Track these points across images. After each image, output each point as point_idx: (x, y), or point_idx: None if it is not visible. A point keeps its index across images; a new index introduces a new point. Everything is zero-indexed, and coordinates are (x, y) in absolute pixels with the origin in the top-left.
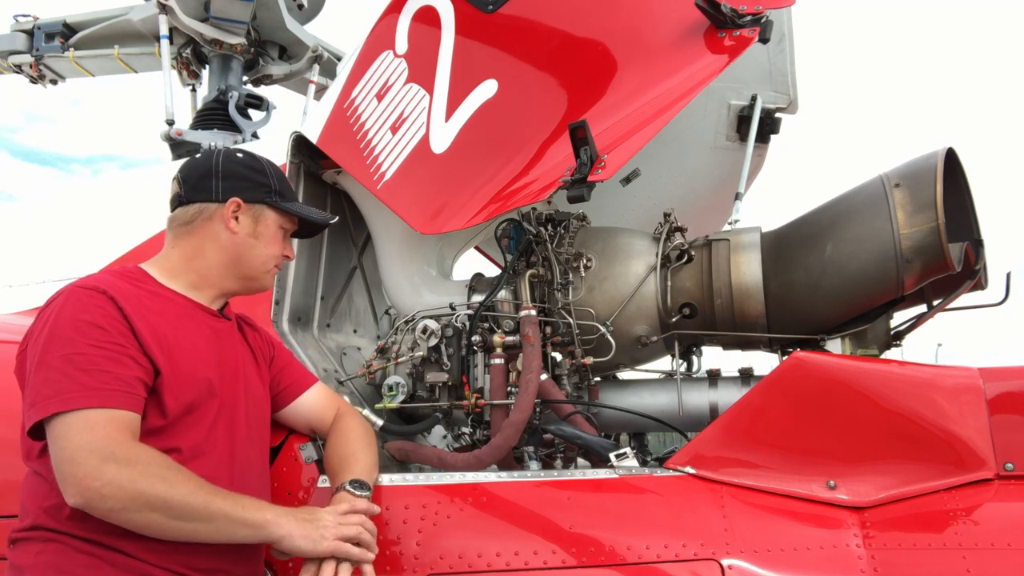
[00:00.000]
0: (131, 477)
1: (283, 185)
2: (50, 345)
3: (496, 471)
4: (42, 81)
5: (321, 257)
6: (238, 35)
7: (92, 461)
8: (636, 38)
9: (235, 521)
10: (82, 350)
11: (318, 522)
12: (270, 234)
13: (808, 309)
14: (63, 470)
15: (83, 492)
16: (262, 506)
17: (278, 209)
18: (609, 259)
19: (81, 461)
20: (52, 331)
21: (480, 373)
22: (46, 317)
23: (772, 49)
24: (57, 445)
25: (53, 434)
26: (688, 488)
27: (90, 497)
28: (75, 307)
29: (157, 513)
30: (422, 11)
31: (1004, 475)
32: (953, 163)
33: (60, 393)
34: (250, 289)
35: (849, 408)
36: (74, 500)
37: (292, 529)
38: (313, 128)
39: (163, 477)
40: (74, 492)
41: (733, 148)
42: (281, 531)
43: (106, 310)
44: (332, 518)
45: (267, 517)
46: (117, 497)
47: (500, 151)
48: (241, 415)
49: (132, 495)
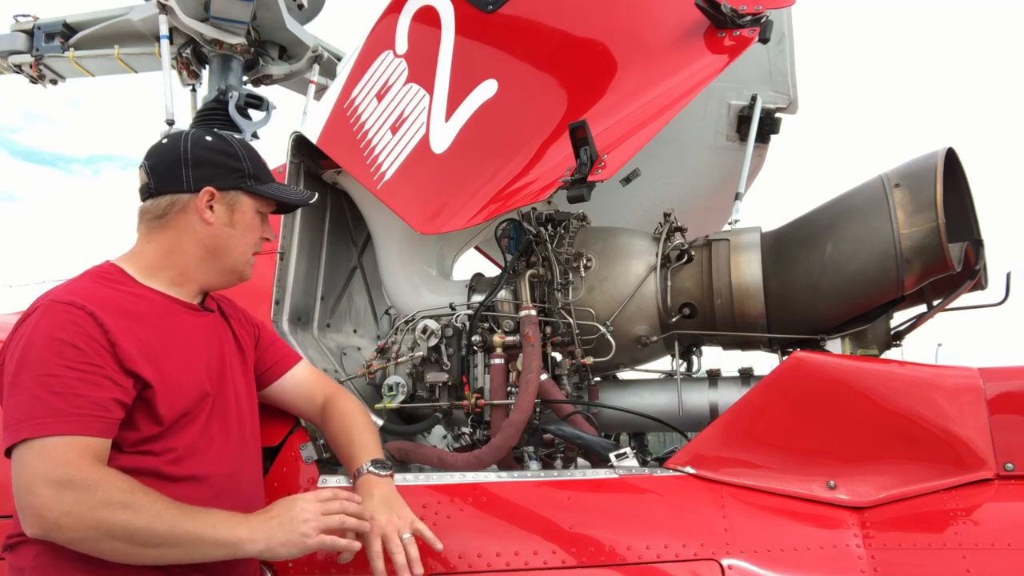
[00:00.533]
0: (90, 506)
1: (257, 166)
2: (23, 365)
3: (496, 471)
4: (42, 81)
5: (321, 257)
6: (238, 35)
7: (47, 491)
8: (636, 38)
9: (206, 543)
10: (55, 372)
11: (295, 520)
12: (247, 221)
13: (808, 309)
14: (20, 499)
15: (40, 524)
16: (236, 522)
17: (253, 193)
18: (609, 259)
19: (36, 491)
20: (26, 350)
21: (480, 373)
22: (22, 333)
23: (772, 49)
24: (16, 472)
25: (14, 461)
26: (688, 488)
27: (47, 528)
28: (51, 324)
29: (119, 542)
30: (422, 11)
31: (1004, 475)
32: (953, 163)
33: (29, 418)
34: (231, 282)
35: (849, 408)
36: (32, 531)
37: (269, 540)
38: (313, 128)
39: (125, 503)
40: (31, 523)
41: (733, 148)
42: (257, 547)
43: (83, 327)
44: (312, 508)
45: (240, 535)
46: (76, 528)
47: (500, 151)
48: (232, 409)
49: (91, 524)
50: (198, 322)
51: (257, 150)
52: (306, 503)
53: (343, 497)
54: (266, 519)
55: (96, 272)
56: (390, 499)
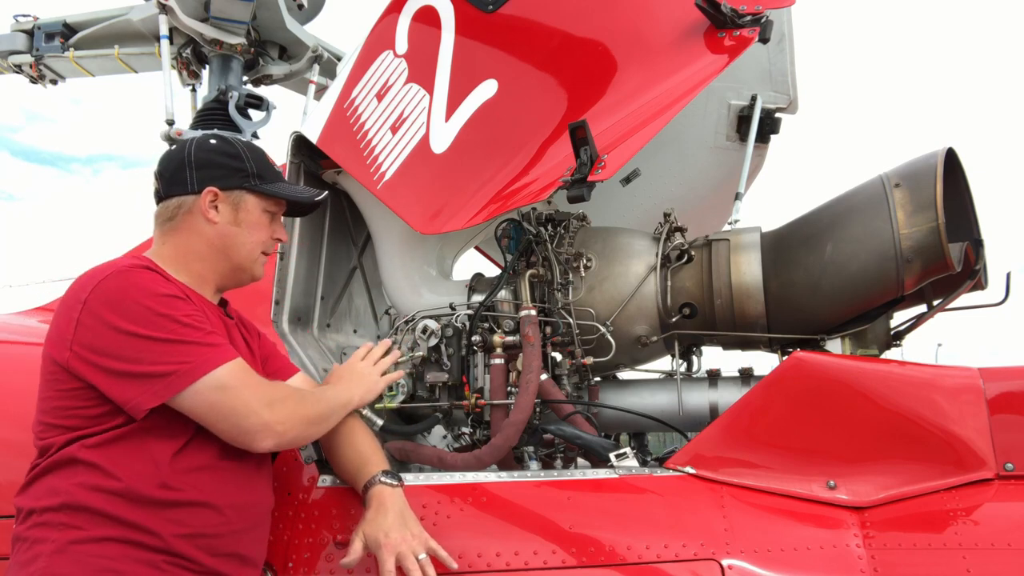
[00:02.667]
0: (291, 409)
1: (262, 166)
2: (141, 318)
3: (496, 471)
4: (42, 81)
5: (321, 257)
6: (238, 35)
7: (264, 408)
8: (636, 38)
9: (338, 407)
10: (185, 311)
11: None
12: (253, 220)
13: (808, 309)
14: (243, 424)
15: (274, 435)
16: (340, 390)
17: (258, 192)
18: (609, 259)
19: (257, 410)
20: (132, 305)
21: (480, 373)
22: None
23: (772, 49)
24: (221, 403)
25: (213, 396)
26: (688, 488)
27: (279, 436)
28: (141, 279)
29: (315, 426)
30: (422, 11)
31: (1004, 475)
32: (953, 163)
33: (197, 354)
34: (241, 280)
35: (849, 408)
36: (266, 444)
37: (356, 393)
38: (313, 128)
39: (300, 398)
40: (264, 437)
41: (733, 148)
42: (356, 400)
43: (169, 284)
44: (363, 364)
45: (352, 396)
46: (296, 428)
47: (500, 151)
48: None
49: (302, 421)
50: (228, 323)
51: (264, 151)
52: (358, 364)
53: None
54: (347, 384)
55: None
56: (404, 515)
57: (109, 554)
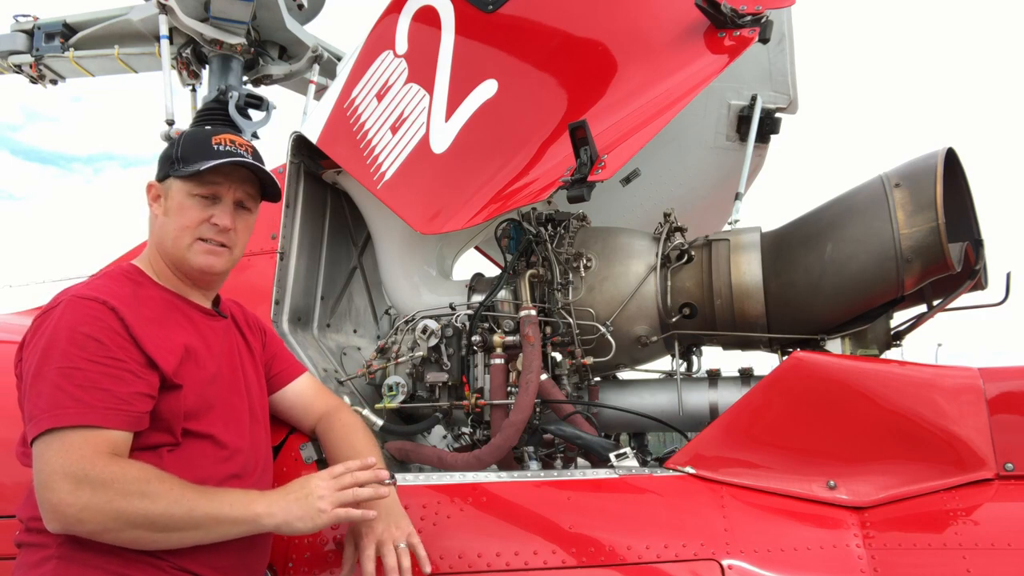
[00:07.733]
0: (107, 498)
1: (189, 150)
2: (47, 358)
3: (496, 471)
4: (42, 81)
5: (321, 257)
6: (238, 35)
7: (66, 486)
8: (636, 38)
9: (224, 521)
10: (79, 365)
11: (311, 496)
12: (175, 206)
13: (808, 309)
14: (40, 496)
15: (59, 518)
16: (252, 499)
17: (180, 176)
18: (609, 259)
19: (55, 487)
20: (49, 344)
21: (480, 373)
22: (45, 327)
23: (772, 49)
24: (36, 467)
25: (35, 454)
26: (688, 488)
27: (67, 523)
28: (73, 318)
29: (140, 530)
30: (422, 11)
31: (1004, 475)
32: (953, 163)
33: (52, 409)
34: (188, 272)
35: (849, 408)
36: (52, 526)
37: (287, 515)
38: (313, 128)
39: (141, 493)
40: (51, 518)
41: (733, 148)
42: (275, 520)
43: (106, 322)
44: (326, 485)
45: (257, 511)
46: (96, 520)
47: (500, 151)
48: (245, 406)
49: (111, 516)
50: (213, 326)
51: (211, 133)
52: (320, 480)
53: (354, 469)
54: (282, 495)
55: (118, 271)
56: (391, 509)
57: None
